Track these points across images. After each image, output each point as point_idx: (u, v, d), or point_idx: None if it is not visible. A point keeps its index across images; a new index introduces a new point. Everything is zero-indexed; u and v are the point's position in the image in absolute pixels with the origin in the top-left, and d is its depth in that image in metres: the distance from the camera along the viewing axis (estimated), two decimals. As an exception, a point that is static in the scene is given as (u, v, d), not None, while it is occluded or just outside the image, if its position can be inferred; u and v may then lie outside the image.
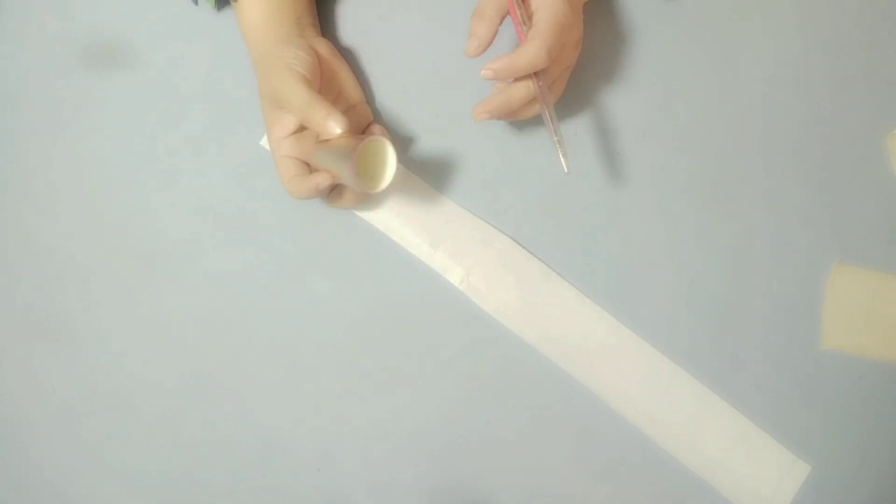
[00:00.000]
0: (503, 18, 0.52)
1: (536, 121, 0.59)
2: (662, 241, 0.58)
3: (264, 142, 0.58)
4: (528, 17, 0.52)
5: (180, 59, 0.60)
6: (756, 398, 0.57)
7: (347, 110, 0.57)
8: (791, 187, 0.60)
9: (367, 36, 0.60)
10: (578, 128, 0.59)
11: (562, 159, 0.51)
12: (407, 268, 0.57)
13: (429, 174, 0.59)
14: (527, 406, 0.56)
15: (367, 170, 0.52)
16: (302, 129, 0.53)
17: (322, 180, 0.52)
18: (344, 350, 0.57)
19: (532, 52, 0.49)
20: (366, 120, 0.58)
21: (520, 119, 0.54)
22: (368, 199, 0.57)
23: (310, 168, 0.54)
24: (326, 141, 0.51)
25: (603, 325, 0.57)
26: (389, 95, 0.59)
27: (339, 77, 0.57)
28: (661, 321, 0.58)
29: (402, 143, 0.59)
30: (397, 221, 0.58)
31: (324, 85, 0.55)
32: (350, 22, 0.61)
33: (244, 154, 0.58)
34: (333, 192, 0.55)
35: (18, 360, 0.57)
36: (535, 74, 0.51)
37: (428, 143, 0.59)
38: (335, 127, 0.49)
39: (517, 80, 0.52)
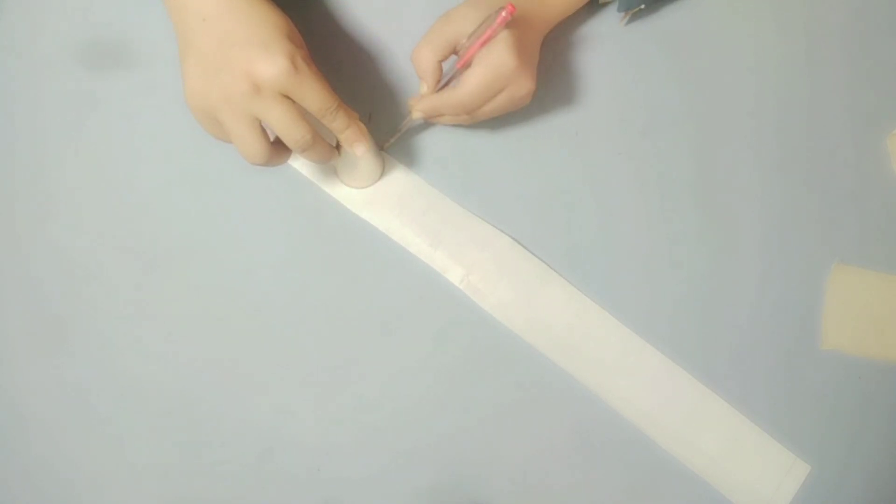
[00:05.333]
0: (444, 58, 0.53)
1: (536, 121, 0.59)
2: (662, 242, 0.58)
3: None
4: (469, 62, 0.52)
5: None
6: (756, 398, 0.57)
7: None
8: (791, 187, 0.60)
9: (364, 32, 0.60)
10: (578, 128, 0.59)
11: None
12: (407, 268, 0.57)
13: (429, 174, 0.59)
14: (527, 405, 0.56)
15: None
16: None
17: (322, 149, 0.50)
18: (345, 350, 0.57)
19: (460, 98, 0.52)
20: None
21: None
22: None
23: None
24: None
25: (603, 325, 0.57)
26: (389, 94, 0.59)
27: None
28: (661, 321, 0.58)
29: (403, 143, 0.59)
30: (397, 221, 0.58)
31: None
32: (342, 18, 0.61)
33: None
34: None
35: (21, 361, 0.56)
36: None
37: (428, 142, 0.59)
38: (363, 150, 0.51)
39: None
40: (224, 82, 0.46)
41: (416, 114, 0.54)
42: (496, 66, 0.51)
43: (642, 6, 0.58)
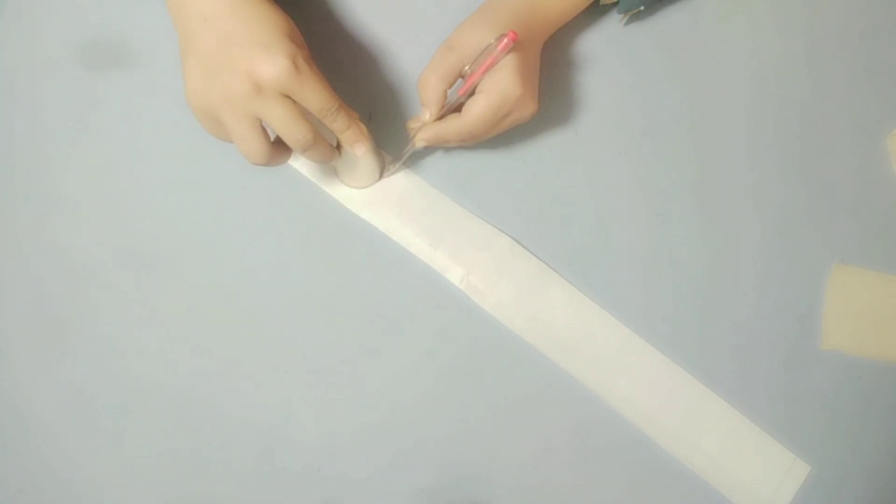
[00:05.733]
0: (450, 85, 0.53)
1: (536, 122, 0.59)
2: (663, 242, 0.58)
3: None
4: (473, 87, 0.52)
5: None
6: (756, 398, 0.57)
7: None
8: (791, 187, 0.60)
9: (364, 32, 0.60)
10: (578, 128, 0.60)
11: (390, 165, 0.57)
12: (407, 268, 0.57)
13: (429, 174, 0.59)
14: (527, 405, 0.56)
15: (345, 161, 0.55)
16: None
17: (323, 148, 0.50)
18: (345, 350, 0.57)
19: (464, 127, 0.52)
20: None
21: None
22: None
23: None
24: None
25: (603, 325, 0.57)
26: (389, 94, 0.59)
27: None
28: (661, 321, 0.58)
29: (403, 144, 0.59)
30: (397, 221, 0.58)
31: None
32: (342, 17, 0.61)
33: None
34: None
35: (21, 361, 0.56)
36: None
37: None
38: (363, 150, 0.51)
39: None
40: (225, 82, 0.46)
41: (420, 143, 0.54)
42: (501, 92, 0.51)
43: (641, 7, 0.58)
